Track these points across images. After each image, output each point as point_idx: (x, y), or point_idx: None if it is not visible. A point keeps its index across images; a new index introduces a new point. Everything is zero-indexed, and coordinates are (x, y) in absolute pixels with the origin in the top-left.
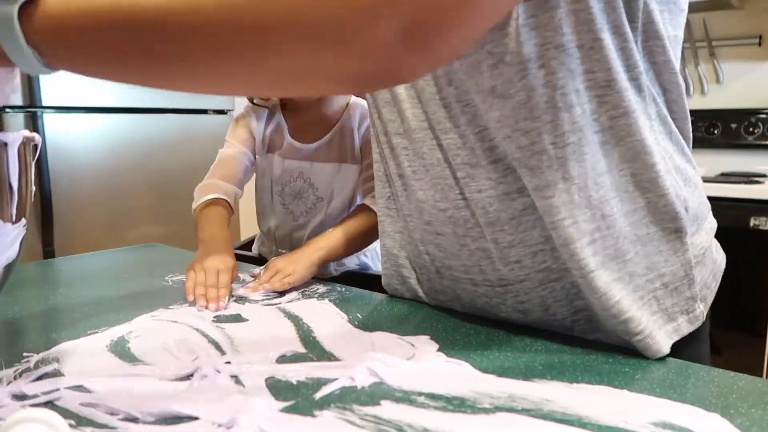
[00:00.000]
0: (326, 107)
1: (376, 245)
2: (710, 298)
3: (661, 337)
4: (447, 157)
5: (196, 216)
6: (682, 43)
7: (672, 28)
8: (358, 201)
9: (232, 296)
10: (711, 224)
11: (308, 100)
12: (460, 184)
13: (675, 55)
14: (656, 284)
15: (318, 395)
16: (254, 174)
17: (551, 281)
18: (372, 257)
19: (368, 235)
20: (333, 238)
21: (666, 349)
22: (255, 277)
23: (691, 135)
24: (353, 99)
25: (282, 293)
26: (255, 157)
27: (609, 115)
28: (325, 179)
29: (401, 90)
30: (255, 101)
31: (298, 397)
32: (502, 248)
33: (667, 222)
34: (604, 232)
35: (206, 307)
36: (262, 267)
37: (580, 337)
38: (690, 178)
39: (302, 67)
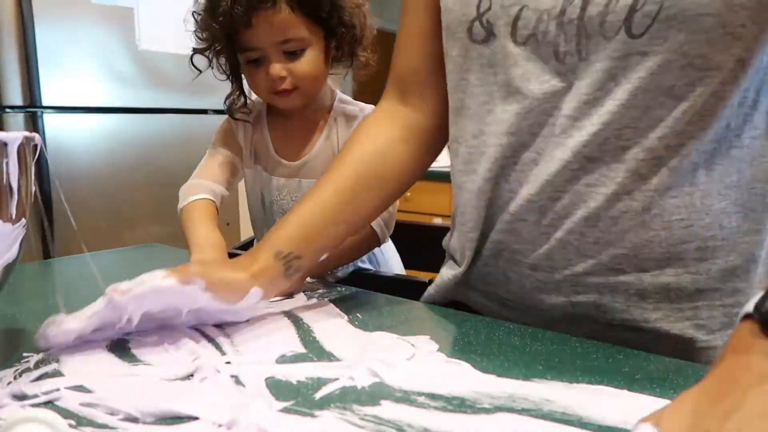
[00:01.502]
0: (310, 111)
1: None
2: None
3: None
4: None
5: (183, 216)
6: None
7: None
8: None
9: None
10: None
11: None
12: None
13: None
14: None
15: (318, 395)
16: (242, 179)
17: (618, 275)
18: (368, 258)
19: (360, 249)
20: None
21: None
22: None
23: None
24: (336, 103)
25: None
26: (242, 167)
27: (750, 135)
28: None
29: (546, 63)
30: (236, 116)
31: (298, 397)
32: (586, 242)
33: None
34: (719, 243)
35: None
36: None
37: (580, 337)
38: None
39: None
